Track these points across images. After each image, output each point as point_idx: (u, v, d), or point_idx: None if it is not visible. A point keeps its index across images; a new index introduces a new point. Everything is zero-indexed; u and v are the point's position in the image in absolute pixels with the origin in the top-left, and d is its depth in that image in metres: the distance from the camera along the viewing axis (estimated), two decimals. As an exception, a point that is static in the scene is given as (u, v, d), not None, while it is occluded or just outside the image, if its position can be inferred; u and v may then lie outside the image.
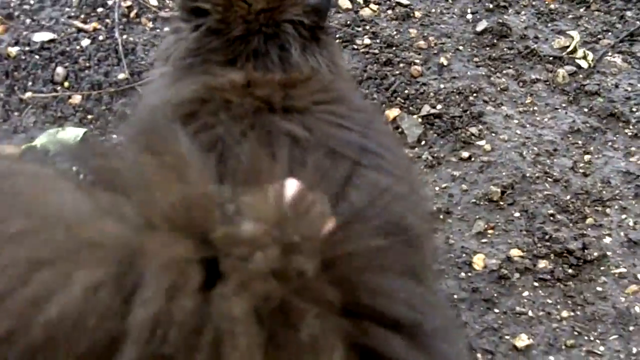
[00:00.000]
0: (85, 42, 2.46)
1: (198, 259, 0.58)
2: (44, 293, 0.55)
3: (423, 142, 2.26)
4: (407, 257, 0.80)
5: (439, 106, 2.37)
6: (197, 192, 0.63)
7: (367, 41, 2.58)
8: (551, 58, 2.61)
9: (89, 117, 2.23)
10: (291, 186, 0.66)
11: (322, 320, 0.59)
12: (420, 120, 2.32)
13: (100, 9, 2.61)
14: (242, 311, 0.56)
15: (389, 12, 2.73)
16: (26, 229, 0.59)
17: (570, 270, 1.91)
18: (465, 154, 2.22)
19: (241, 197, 0.65)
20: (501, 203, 2.09)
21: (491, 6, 2.79)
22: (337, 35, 2.55)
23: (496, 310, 1.82)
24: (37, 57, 2.38)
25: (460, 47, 2.61)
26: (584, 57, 2.60)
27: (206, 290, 0.57)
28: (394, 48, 2.56)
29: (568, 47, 2.63)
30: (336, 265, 0.63)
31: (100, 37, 2.49)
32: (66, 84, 2.32)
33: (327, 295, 0.60)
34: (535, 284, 1.89)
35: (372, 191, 1.02)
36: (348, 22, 2.65)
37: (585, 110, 2.42)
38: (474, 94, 2.43)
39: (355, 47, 2.55)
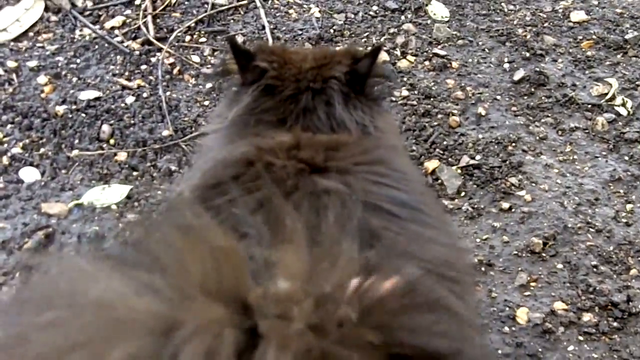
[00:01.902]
0: (130, 99, 2.53)
1: (235, 323, 0.60)
2: None
3: (463, 194, 2.27)
4: (439, 293, 0.82)
5: (478, 157, 2.38)
6: (226, 258, 0.66)
7: (405, 93, 2.61)
8: (590, 106, 2.61)
9: (135, 174, 2.28)
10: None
11: None
12: (459, 171, 2.33)
13: (144, 67, 2.68)
14: None
15: (426, 63, 2.76)
16: (59, 317, 0.62)
17: (615, 324, 1.90)
18: (505, 205, 2.23)
19: (269, 257, 0.67)
20: (543, 254, 2.08)
21: (528, 55, 2.81)
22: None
23: (541, 366, 1.81)
24: (83, 115, 2.45)
25: (498, 97, 2.63)
26: (623, 104, 2.60)
27: (248, 352, 0.59)
28: (431, 99, 2.59)
29: (606, 94, 2.64)
30: (374, 310, 0.65)
31: (144, 94, 2.56)
32: (112, 141, 2.38)
33: (369, 340, 0.62)
34: (580, 337, 1.87)
35: (407, 239, 1.06)
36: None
37: (626, 158, 2.41)
38: (513, 144, 2.44)
39: (393, 99, 2.58)
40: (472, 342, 0.83)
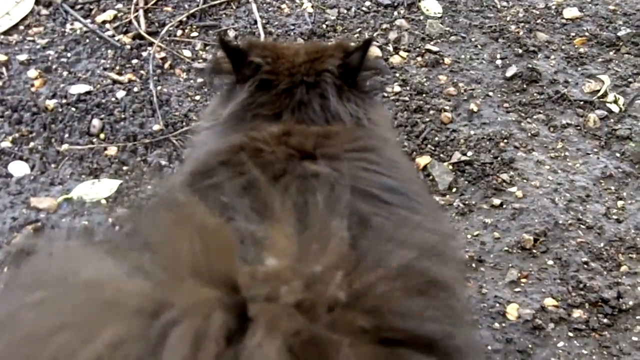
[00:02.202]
0: (121, 93, 2.51)
1: (225, 304, 0.60)
2: (63, 354, 0.57)
3: (454, 190, 2.27)
4: (431, 275, 0.81)
5: (469, 153, 2.37)
6: (215, 239, 0.65)
7: (397, 89, 2.60)
8: (582, 102, 2.61)
9: (124, 168, 2.27)
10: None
11: (356, 349, 0.60)
12: (451, 167, 2.33)
13: (134, 61, 2.67)
14: (275, 350, 0.57)
15: (419, 59, 2.75)
16: (49, 296, 0.62)
17: (605, 320, 1.90)
18: (496, 201, 2.22)
19: (257, 235, 0.67)
20: (534, 251, 2.08)
21: (520, 51, 2.80)
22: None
23: (531, 362, 1.81)
24: (73, 109, 2.44)
25: (490, 93, 2.63)
26: (615, 101, 2.60)
27: (238, 335, 0.58)
28: (424, 95, 2.58)
29: (598, 91, 2.64)
30: (365, 294, 0.64)
31: (135, 89, 2.54)
32: (102, 135, 2.37)
33: (359, 324, 0.61)
34: (570, 334, 1.87)
35: (396, 224, 1.06)
36: (378, 70, 2.68)
37: (617, 155, 2.41)
38: (505, 140, 2.43)
39: (385, 94, 2.57)
40: (462, 327, 0.83)
